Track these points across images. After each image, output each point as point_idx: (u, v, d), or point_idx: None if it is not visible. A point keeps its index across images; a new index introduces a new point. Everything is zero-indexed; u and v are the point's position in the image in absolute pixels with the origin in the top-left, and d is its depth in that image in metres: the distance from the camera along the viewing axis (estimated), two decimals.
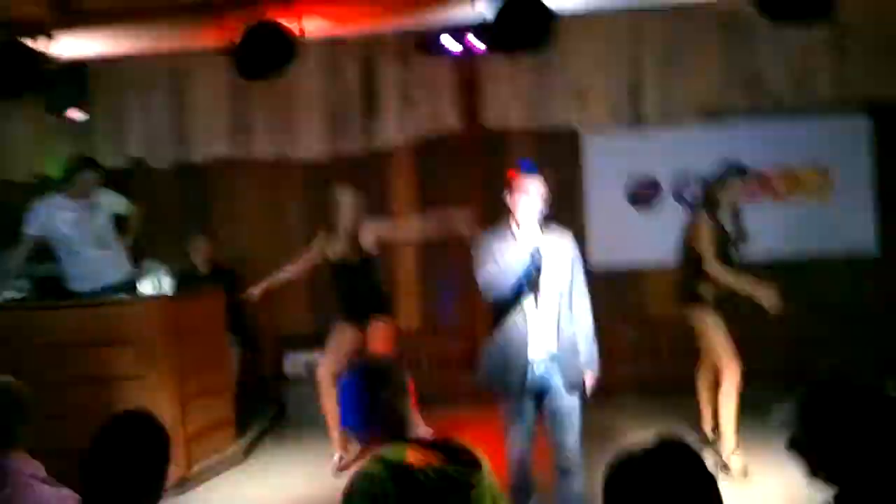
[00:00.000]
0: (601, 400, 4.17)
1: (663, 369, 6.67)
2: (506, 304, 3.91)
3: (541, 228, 3.92)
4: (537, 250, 3.80)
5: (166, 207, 7.00)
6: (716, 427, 5.16)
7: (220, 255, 6.71)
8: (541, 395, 3.96)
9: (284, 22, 3.53)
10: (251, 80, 3.83)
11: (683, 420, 5.59)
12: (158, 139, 6.80)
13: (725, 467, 4.89)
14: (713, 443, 5.16)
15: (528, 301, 3.89)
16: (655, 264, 6.34)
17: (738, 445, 4.93)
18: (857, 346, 6.25)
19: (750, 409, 4.93)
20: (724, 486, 1.80)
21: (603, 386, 4.08)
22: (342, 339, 5.53)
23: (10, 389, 2.68)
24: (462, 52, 5.85)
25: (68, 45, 4.98)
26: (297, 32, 3.55)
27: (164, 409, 4.73)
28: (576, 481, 3.94)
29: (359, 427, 2.43)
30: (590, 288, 4.20)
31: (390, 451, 2.24)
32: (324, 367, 5.53)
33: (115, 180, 6.16)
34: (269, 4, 3.64)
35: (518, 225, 3.94)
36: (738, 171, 5.15)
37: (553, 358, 3.93)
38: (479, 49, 5.62)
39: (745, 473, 4.83)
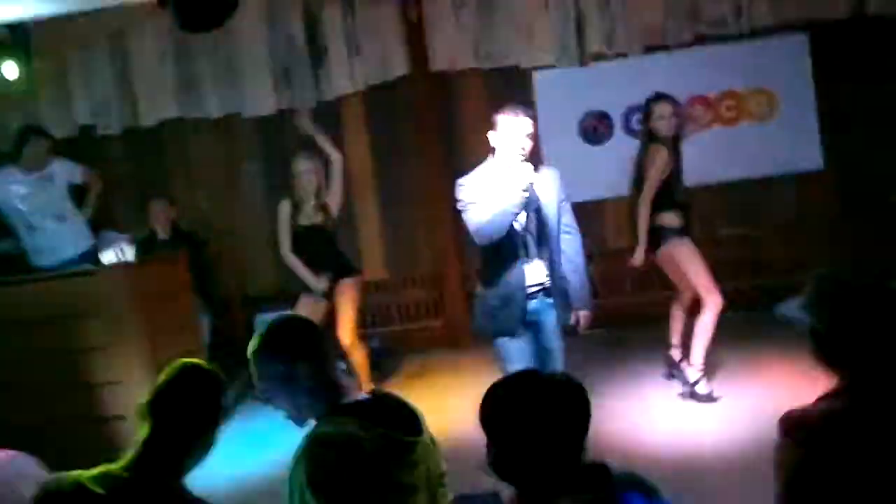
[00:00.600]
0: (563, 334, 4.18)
1: (625, 300, 6.85)
2: (500, 246, 3.86)
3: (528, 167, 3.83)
4: (531, 186, 3.78)
5: (120, 174, 6.93)
6: (685, 355, 5.28)
7: (179, 218, 6.64)
8: (534, 333, 3.99)
9: None
10: (192, 32, 3.79)
11: (647, 351, 5.78)
12: (105, 104, 6.68)
13: (694, 393, 5.06)
14: (680, 371, 5.30)
15: (522, 240, 3.90)
16: (612, 198, 6.45)
17: (705, 373, 5.10)
18: (812, 258, 6.46)
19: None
20: (694, 409, 1.89)
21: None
22: (310, 305, 5.55)
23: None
24: None
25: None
26: None
27: (138, 376, 4.71)
28: None
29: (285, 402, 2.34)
30: None
31: (330, 421, 2.23)
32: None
33: (64, 150, 6.09)
34: None
35: (507, 164, 3.86)
36: (658, 97, 5.24)
37: (547, 294, 3.97)
38: None
39: (712, 398, 5.00)
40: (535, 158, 3.93)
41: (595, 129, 6.98)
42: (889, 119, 6.47)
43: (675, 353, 5.39)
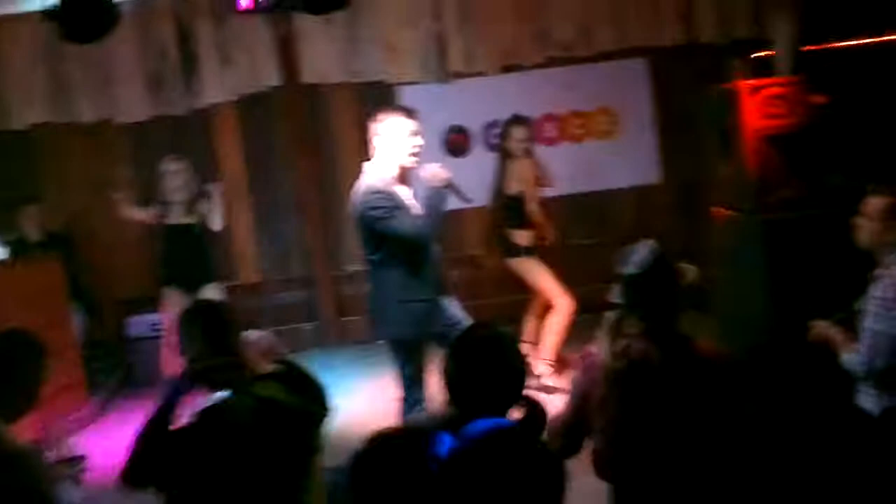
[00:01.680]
0: None
1: (483, 303, 7.32)
2: (420, 249, 3.99)
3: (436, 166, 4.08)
4: (448, 181, 3.99)
5: None
6: (535, 351, 5.81)
7: (51, 222, 6.71)
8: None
9: None
10: (77, 43, 4.00)
11: None
12: None
13: (544, 386, 5.57)
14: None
15: (434, 238, 4.09)
16: (470, 207, 6.90)
17: (554, 367, 5.68)
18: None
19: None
20: (544, 399, 2.32)
21: None
22: (179, 305, 5.62)
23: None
24: (276, 9, 6.12)
25: None
26: None
27: None
28: None
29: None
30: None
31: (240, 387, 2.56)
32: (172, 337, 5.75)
33: None
34: None
35: (403, 165, 4.07)
36: (516, 120, 5.82)
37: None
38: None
39: (559, 389, 5.42)
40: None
41: (456, 142, 7.48)
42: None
43: (527, 350, 5.96)
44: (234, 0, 5.78)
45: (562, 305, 5.66)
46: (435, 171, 4.04)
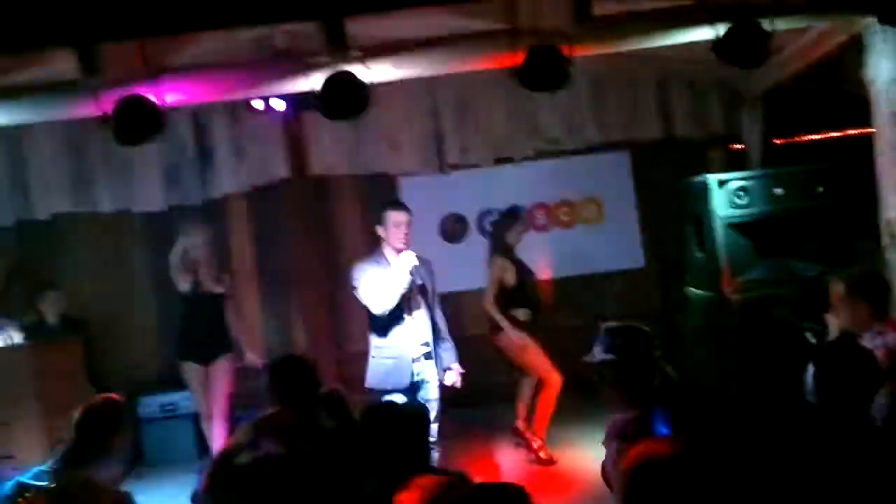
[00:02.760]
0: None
1: (481, 381, 7.66)
2: (389, 317, 4.85)
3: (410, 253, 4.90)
4: (416, 269, 4.83)
5: (11, 263, 7.25)
6: (528, 427, 6.17)
7: (68, 306, 6.97)
8: (415, 390, 4.91)
9: (151, 97, 4.25)
10: (128, 145, 4.52)
11: (499, 426, 6.60)
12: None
13: (539, 458, 5.94)
14: (525, 440, 6.18)
15: (407, 312, 4.90)
16: (469, 290, 7.12)
17: (545, 441, 6.01)
18: None
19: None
20: (537, 470, 2.65)
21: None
22: (197, 378, 6.02)
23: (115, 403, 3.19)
24: (288, 111, 6.69)
25: None
26: (161, 104, 4.26)
27: (34, 451, 5.03)
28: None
29: None
30: None
31: None
32: (203, 410, 6.04)
33: None
34: (138, 82, 4.34)
35: (394, 252, 4.92)
36: (513, 214, 6.23)
37: (428, 356, 4.94)
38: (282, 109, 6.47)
39: (551, 461, 5.92)
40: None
41: (453, 229, 7.94)
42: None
43: (522, 426, 6.28)
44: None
45: (553, 381, 6.02)
46: (407, 257, 4.85)
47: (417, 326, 4.95)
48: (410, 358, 4.90)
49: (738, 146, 7.23)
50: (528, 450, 6.10)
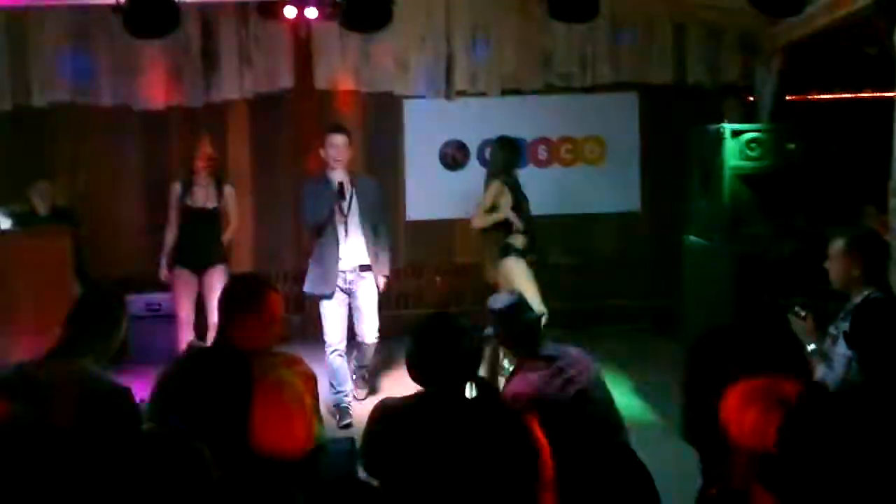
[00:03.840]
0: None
1: (468, 310, 7.70)
2: (322, 230, 5.32)
3: (347, 174, 5.36)
4: (340, 185, 5.24)
5: (2, 150, 7.15)
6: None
7: (59, 198, 6.93)
8: (349, 296, 5.43)
9: None
10: (139, 38, 4.41)
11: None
12: None
13: None
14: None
15: (339, 226, 5.32)
16: (461, 218, 7.20)
17: None
18: (629, 289, 7.58)
19: None
20: None
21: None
22: (186, 285, 6.11)
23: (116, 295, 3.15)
24: (299, 19, 6.53)
25: None
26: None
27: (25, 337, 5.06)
28: (369, 351, 5.58)
29: None
30: (406, 238, 6.50)
31: None
32: (182, 313, 6.17)
33: None
34: None
35: (331, 170, 5.33)
36: (507, 141, 6.20)
37: (364, 268, 5.41)
38: (314, 18, 6.32)
39: None
40: (398, 174, 4.85)
41: (453, 156, 7.88)
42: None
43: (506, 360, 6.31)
44: (263, 6, 6.15)
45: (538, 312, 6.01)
46: (336, 176, 5.33)
47: (348, 240, 5.35)
48: (337, 269, 5.33)
49: (751, 98, 7.18)
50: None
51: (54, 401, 2.57)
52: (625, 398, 5.37)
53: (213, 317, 5.98)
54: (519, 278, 6.03)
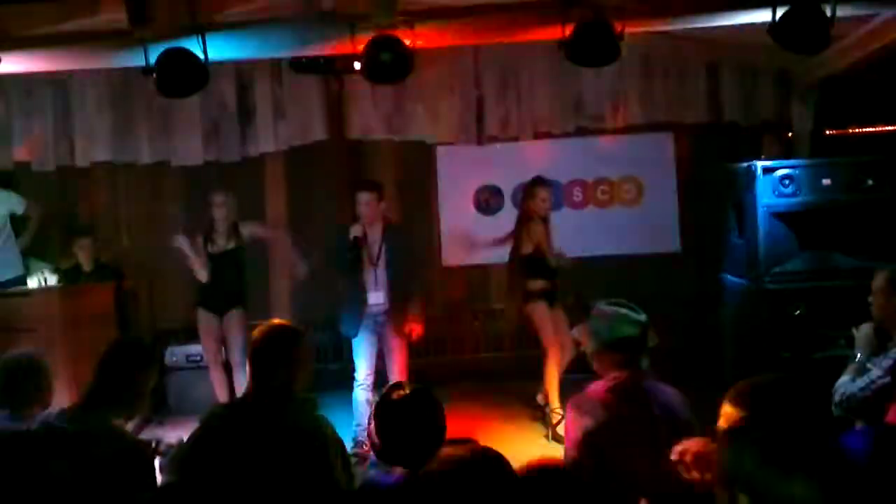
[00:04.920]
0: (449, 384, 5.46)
1: (504, 355, 7.71)
2: (352, 277, 5.76)
3: (381, 224, 5.77)
4: (355, 239, 5.64)
5: (47, 207, 7.31)
6: (546, 400, 6.12)
7: (102, 253, 7.14)
8: (379, 339, 5.77)
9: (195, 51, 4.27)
10: (171, 97, 4.57)
11: (518, 399, 6.66)
12: (43, 144, 6.98)
13: (555, 434, 5.82)
14: (544, 414, 6.15)
15: (368, 273, 5.73)
16: (497, 263, 7.17)
17: (560, 414, 5.83)
18: (667, 329, 7.41)
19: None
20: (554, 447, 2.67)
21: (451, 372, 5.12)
22: (209, 328, 6.43)
23: (31, 358, 3.26)
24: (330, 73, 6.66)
25: None
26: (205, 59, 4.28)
27: (61, 392, 5.18)
28: None
29: None
30: (442, 284, 6.78)
31: None
32: (208, 354, 6.45)
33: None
34: (184, 35, 4.35)
35: (359, 223, 5.70)
36: (534, 181, 6.22)
37: (386, 311, 5.73)
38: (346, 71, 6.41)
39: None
40: (431, 220, 4.88)
41: (487, 201, 7.90)
42: None
43: (541, 400, 6.25)
44: (289, 59, 6.28)
45: (551, 352, 6.01)
46: (355, 230, 5.70)
47: (378, 286, 5.72)
48: (365, 312, 5.72)
49: (788, 134, 7.08)
50: (547, 425, 6.06)
51: (74, 456, 2.60)
52: None
53: (234, 357, 6.12)
54: (538, 324, 6.05)
